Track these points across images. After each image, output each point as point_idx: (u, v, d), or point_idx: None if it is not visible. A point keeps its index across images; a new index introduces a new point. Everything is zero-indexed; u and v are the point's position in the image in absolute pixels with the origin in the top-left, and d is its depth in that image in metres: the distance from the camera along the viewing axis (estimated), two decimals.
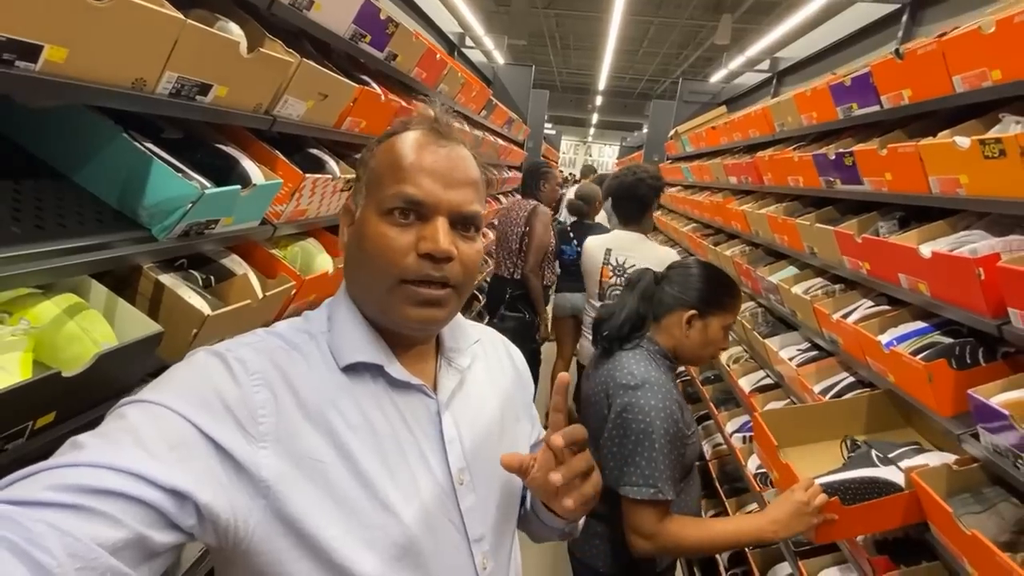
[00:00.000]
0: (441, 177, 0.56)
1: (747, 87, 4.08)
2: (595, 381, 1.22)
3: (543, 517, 0.70)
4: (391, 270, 0.55)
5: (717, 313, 1.18)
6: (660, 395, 1.09)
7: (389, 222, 0.55)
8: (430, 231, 0.55)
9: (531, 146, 5.56)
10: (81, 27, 0.63)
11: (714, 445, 2.59)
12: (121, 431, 0.45)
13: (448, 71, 2.23)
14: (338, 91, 1.26)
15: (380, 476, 0.55)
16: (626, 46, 10.09)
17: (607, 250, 2.31)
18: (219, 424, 0.48)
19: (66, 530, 0.38)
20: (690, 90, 4.96)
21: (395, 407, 0.58)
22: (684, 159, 4.22)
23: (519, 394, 0.75)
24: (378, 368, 0.58)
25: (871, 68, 1.47)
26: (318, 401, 0.54)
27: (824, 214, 1.88)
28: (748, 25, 7.83)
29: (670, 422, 1.07)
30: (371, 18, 1.41)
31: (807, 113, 1.97)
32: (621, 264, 2.28)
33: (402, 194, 0.55)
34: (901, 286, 1.28)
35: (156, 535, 0.43)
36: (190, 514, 0.45)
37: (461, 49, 4.06)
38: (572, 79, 14.96)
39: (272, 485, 0.49)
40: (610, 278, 2.31)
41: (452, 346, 0.66)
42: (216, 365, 0.52)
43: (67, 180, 0.84)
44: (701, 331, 1.18)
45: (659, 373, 1.14)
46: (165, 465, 0.44)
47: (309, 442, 0.52)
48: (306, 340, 0.58)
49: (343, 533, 0.52)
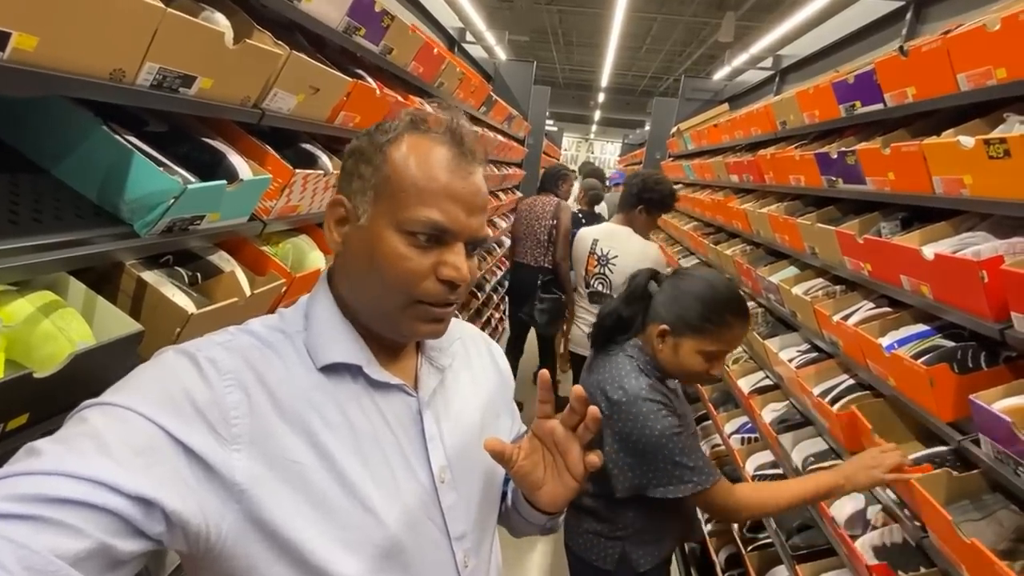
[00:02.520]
0: (465, 204, 0.55)
1: (750, 85, 4.05)
2: (590, 383, 1.20)
3: (524, 512, 0.69)
4: (409, 291, 0.55)
5: (690, 336, 1.08)
6: (650, 403, 1.08)
7: (409, 242, 0.54)
8: (452, 258, 0.55)
9: (532, 143, 5.52)
10: (52, 14, 0.61)
11: (712, 446, 2.57)
12: (82, 436, 0.43)
13: (446, 66, 2.20)
14: (330, 85, 1.24)
15: (360, 476, 0.54)
16: (629, 43, 10.02)
17: (594, 240, 2.41)
18: (189, 427, 0.47)
19: (21, 542, 0.36)
20: (692, 87, 4.92)
21: (375, 406, 0.58)
22: (686, 157, 4.18)
23: (500, 391, 0.74)
24: (357, 368, 0.57)
25: (875, 66, 1.45)
26: (294, 401, 0.53)
27: (825, 213, 1.86)
28: (751, 23, 7.77)
29: (667, 423, 1.07)
30: (366, 10, 1.39)
31: (809, 111, 1.94)
32: (605, 254, 2.37)
33: (431, 222, 0.54)
34: (903, 288, 1.26)
35: (121, 544, 0.41)
36: (158, 521, 0.43)
37: (462, 45, 4.02)
38: (574, 76, 14.89)
39: (246, 488, 0.48)
40: (594, 267, 2.41)
41: (433, 344, 0.66)
42: (185, 365, 0.50)
43: (46, 174, 0.82)
44: (672, 350, 1.11)
45: (648, 383, 1.10)
46: (130, 471, 0.42)
47: (285, 443, 0.51)
48: (281, 339, 0.56)
49: (320, 535, 0.51)
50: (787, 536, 1.62)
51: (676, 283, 1.15)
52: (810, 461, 1.59)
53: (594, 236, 2.41)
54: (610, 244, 2.36)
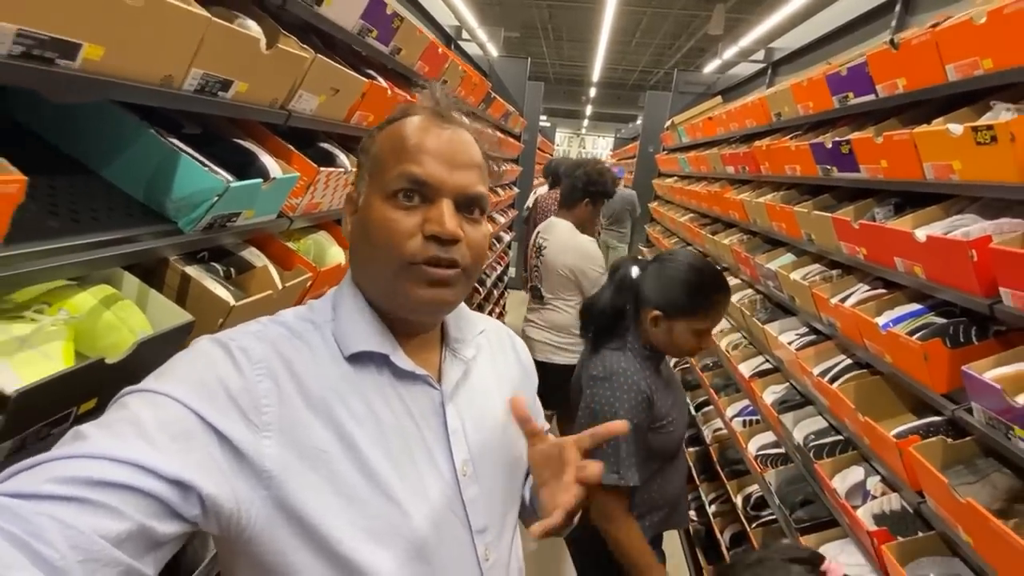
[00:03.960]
0: (445, 159, 0.56)
1: (742, 77, 4.11)
2: (581, 375, 1.26)
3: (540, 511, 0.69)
4: (397, 252, 0.54)
5: (682, 318, 1.15)
6: (625, 387, 1.14)
7: (393, 205, 0.55)
8: (435, 213, 0.55)
9: (527, 139, 5.57)
10: (117, 25, 0.65)
11: (714, 430, 2.65)
12: (123, 422, 0.44)
13: (449, 64, 2.24)
14: (349, 85, 1.29)
15: (384, 467, 0.54)
16: (619, 37, 10.08)
17: (536, 232, 2.42)
18: (222, 413, 0.48)
19: (68, 522, 0.38)
20: (685, 80, 4.98)
21: (399, 398, 0.58)
22: (680, 150, 4.25)
23: (523, 386, 0.75)
24: (383, 358, 0.58)
25: (867, 58, 1.51)
26: (322, 391, 0.54)
27: (821, 201, 1.92)
28: (741, 15, 7.84)
29: (634, 412, 1.12)
30: (378, 13, 1.43)
31: (804, 103, 2.01)
32: (540, 246, 2.36)
33: (406, 173, 0.54)
34: (897, 269, 1.33)
35: (160, 525, 0.42)
36: (194, 504, 0.45)
37: (458, 42, 4.06)
38: (566, 71, 14.92)
39: (275, 475, 0.49)
40: (533, 259, 2.42)
41: (457, 336, 0.66)
42: (219, 354, 0.52)
43: (95, 175, 0.87)
44: (666, 332, 1.18)
45: (630, 365, 1.16)
46: (168, 455, 0.43)
47: (312, 432, 0.52)
48: (310, 329, 0.58)
49: (346, 523, 0.52)
50: (790, 510, 1.70)
51: (660, 270, 1.20)
52: (811, 439, 1.66)
53: (538, 230, 2.43)
54: (546, 235, 2.36)
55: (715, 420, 2.70)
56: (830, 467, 1.50)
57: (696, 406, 2.92)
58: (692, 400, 2.98)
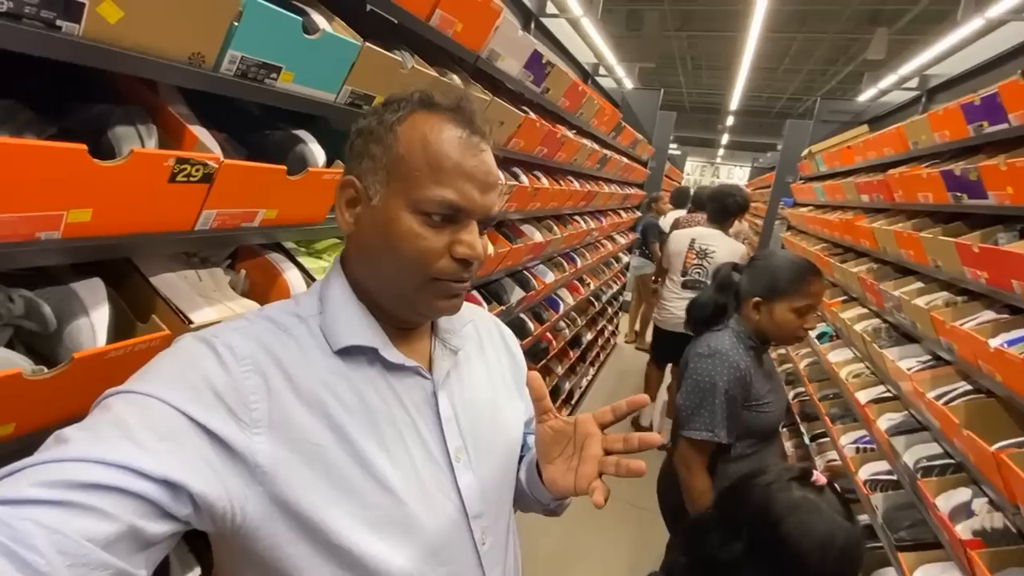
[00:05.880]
0: (479, 182, 0.55)
1: (893, 105, 3.91)
2: (686, 356, 1.48)
3: (534, 491, 0.71)
4: (425, 270, 0.55)
5: (780, 299, 1.33)
6: (726, 363, 1.33)
7: (424, 222, 0.54)
8: (466, 237, 0.55)
9: (654, 166, 5.74)
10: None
11: (827, 460, 2.58)
12: (107, 424, 0.44)
13: (587, 100, 2.60)
14: (510, 119, 1.69)
15: (378, 457, 0.55)
16: (765, 63, 9.74)
17: (691, 239, 3.14)
18: (210, 412, 0.48)
19: (54, 527, 0.37)
20: (829, 109, 4.81)
21: (391, 388, 0.58)
22: (817, 179, 4.13)
23: (512, 374, 0.75)
24: (373, 351, 0.58)
25: (998, 88, 1.55)
26: (311, 384, 0.54)
27: (953, 229, 1.90)
28: (907, 36, 7.22)
29: (731, 384, 1.31)
30: (536, 63, 1.83)
31: (940, 131, 2.00)
32: (703, 250, 3.11)
33: (446, 201, 0.54)
34: (1015, 292, 1.35)
35: (150, 526, 0.42)
36: (185, 503, 0.44)
37: (595, 78, 4.44)
38: (701, 99, 14.65)
39: (268, 471, 0.49)
40: (693, 260, 3.14)
41: (447, 327, 0.66)
42: (204, 352, 0.51)
43: None
44: (768, 315, 1.36)
45: (733, 348, 1.35)
46: (155, 456, 0.43)
47: (304, 425, 0.52)
48: (296, 323, 0.57)
49: (343, 514, 0.52)
50: (894, 532, 1.69)
51: (756, 264, 1.42)
52: (922, 462, 1.66)
53: (691, 236, 3.13)
54: (707, 242, 3.08)
55: (829, 451, 2.63)
56: (935, 486, 1.51)
57: (811, 437, 2.85)
58: (808, 431, 2.91)
